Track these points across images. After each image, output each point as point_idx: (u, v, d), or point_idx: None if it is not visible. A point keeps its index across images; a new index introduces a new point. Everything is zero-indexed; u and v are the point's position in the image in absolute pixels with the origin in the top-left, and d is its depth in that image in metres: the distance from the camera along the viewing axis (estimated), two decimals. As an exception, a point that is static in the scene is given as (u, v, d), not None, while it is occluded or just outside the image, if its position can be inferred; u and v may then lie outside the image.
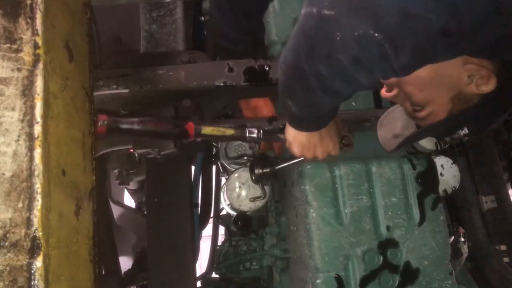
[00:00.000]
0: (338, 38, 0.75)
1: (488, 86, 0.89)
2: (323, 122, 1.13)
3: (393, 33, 0.72)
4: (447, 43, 0.75)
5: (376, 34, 0.72)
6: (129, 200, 2.81)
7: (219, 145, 1.68)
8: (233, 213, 1.69)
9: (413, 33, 0.72)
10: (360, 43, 0.74)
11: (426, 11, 0.70)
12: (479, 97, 0.93)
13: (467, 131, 1.03)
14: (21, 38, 0.81)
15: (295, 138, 1.20)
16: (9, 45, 0.80)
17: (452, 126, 1.04)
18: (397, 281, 1.25)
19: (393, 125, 1.23)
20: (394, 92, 1.03)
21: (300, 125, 1.15)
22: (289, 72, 0.94)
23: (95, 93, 1.16)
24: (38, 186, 0.76)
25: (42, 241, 0.75)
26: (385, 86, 1.04)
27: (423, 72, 0.87)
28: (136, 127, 1.20)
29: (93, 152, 1.04)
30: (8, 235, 0.74)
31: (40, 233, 0.75)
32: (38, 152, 0.77)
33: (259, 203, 1.53)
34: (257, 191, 1.51)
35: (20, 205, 0.75)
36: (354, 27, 0.73)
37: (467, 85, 0.91)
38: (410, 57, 0.77)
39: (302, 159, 1.26)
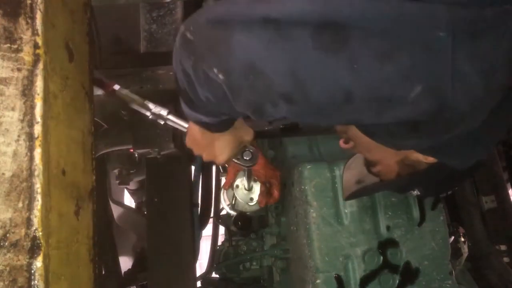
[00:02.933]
0: (191, 61, 0.77)
1: (429, 158, 0.89)
2: (210, 128, 1.01)
3: (234, 80, 0.73)
4: (288, 109, 0.75)
5: (219, 75, 0.73)
6: (129, 200, 2.81)
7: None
8: (233, 213, 1.69)
9: (253, 87, 0.72)
10: (205, 74, 0.75)
11: (273, 72, 0.70)
12: (426, 165, 0.92)
13: (418, 192, 1.06)
14: (21, 38, 0.81)
15: (191, 129, 1.09)
16: (9, 45, 0.80)
17: (403, 187, 1.07)
18: (397, 281, 1.26)
19: (358, 170, 1.22)
20: (351, 144, 1.03)
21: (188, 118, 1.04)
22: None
23: (95, 93, 1.15)
24: (38, 186, 0.76)
25: (42, 241, 0.75)
26: (341, 137, 1.05)
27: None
28: None
29: (93, 152, 1.04)
30: (8, 235, 0.74)
31: (40, 233, 0.75)
32: (38, 152, 0.77)
33: (254, 206, 1.53)
34: (256, 191, 1.51)
35: (20, 205, 0.75)
36: (204, 59, 0.75)
37: (411, 153, 0.91)
38: (246, 107, 0.77)
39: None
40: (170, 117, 1.15)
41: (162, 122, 1.16)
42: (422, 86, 0.68)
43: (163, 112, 1.15)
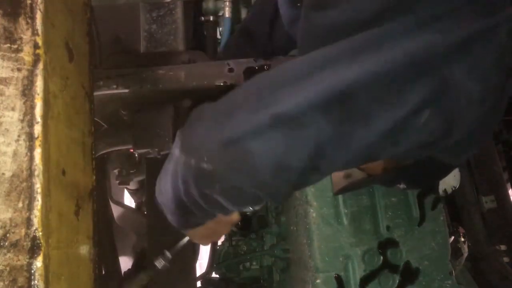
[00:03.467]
0: (217, 188, 0.77)
1: None
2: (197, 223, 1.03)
3: (269, 188, 0.76)
4: (316, 176, 0.81)
5: (253, 190, 0.76)
6: (129, 200, 2.81)
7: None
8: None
9: (287, 180, 0.76)
10: (237, 193, 0.78)
11: (300, 160, 0.73)
12: (412, 160, 0.95)
13: (404, 186, 1.09)
14: (21, 38, 0.81)
15: (194, 236, 1.14)
16: (9, 45, 0.80)
17: (390, 181, 1.09)
18: (397, 281, 1.25)
19: None
20: None
21: (186, 228, 1.06)
22: (172, 202, 0.90)
23: (95, 93, 1.16)
24: (38, 186, 0.76)
25: (42, 241, 0.75)
26: None
27: None
28: None
29: (93, 152, 1.04)
30: (8, 235, 0.74)
31: (40, 233, 0.75)
32: (38, 152, 0.77)
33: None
34: None
35: (20, 205, 0.75)
36: (233, 181, 0.76)
37: None
38: (283, 198, 0.82)
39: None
40: (173, 252, 1.30)
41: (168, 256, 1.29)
42: (430, 110, 0.71)
43: (167, 254, 1.30)
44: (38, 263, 0.74)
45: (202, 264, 1.95)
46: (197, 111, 0.84)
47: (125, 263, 2.23)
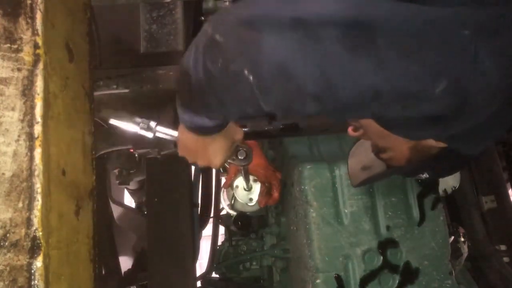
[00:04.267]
0: (219, 63, 0.77)
1: (441, 143, 0.91)
2: (207, 131, 1.00)
3: (264, 82, 0.74)
4: (316, 107, 0.77)
5: (250, 77, 0.74)
6: (129, 200, 2.81)
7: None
8: (233, 213, 1.69)
9: (284, 88, 0.74)
10: (234, 75, 0.76)
11: (303, 73, 0.71)
12: (438, 149, 0.95)
13: (427, 175, 1.08)
14: (21, 38, 0.81)
15: (181, 137, 1.08)
16: (9, 45, 0.80)
17: (414, 171, 1.08)
18: (397, 281, 1.26)
19: (363, 156, 1.23)
20: (360, 132, 1.04)
21: (184, 124, 1.02)
22: (182, 72, 0.88)
23: (95, 93, 1.16)
24: (38, 186, 0.76)
25: (42, 241, 0.75)
26: (350, 125, 1.06)
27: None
28: None
29: (93, 152, 1.04)
30: (8, 235, 0.74)
31: (40, 233, 0.75)
32: (38, 152, 0.77)
33: (254, 206, 1.53)
34: (255, 193, 1.51)
35: (20, 205, 0.75)
36: (235, 60, 0.75)
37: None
38: (275, 107, 0.79)
39: None
40: (159, 128, 1.14)
41: (151, 135, 1.14)
42: (447, 82, 0.71)
43: (152, 123, 1.14)
44: (38, 263, 0.74)
45: (202, 264, 1.95)
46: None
47: (125, 263, 2.23)
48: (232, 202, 1.57)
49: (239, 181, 1.53)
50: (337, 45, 0.69)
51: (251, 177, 1.48)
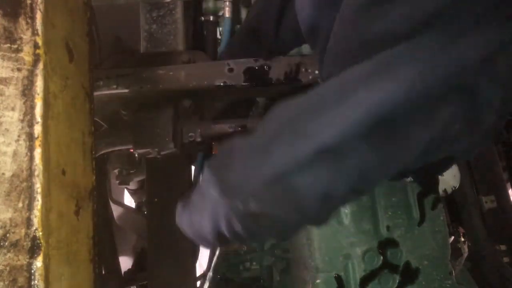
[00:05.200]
0: (267, 224, 0.76)
1: None
2: None
3: (313, 217, 0.76)
4: (358, 195, 0.78)
5: (303, 221, 0.76)
6: (129, 200, 2.81)
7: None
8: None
9: (332, 208, 0.77)
10: (289, 229, 0.78)
11: (344, 191, 0.72)
12: None
13: (411, 179, 1.13)
14: (21, 38, 0.81)
15: None
16: (9, 45, 0.80)
17: (398, 175, 1.08)
18: (397, 281, 1.26)
19: None
20: None
21: None
22: (208, 235, 0.85)
23: (95, 93, 1.16)
24: (38, 186, 0.76)
25: (42, 241, 0.75)
26: None
27: None
28: None
29: (93, 152, 1.04)
30: (8, 235, 0.74)
31: (40, 233, 0.75)
32: (38, 152, 0.77)
33: None
34: None
35: (20, 205, 0.75)
36: (279, 216, 0.74)
37: None
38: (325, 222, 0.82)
39: None
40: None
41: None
42: (459, 123, 0.71)
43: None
44: (38, 263, 0.74)
45: (202, 264, 1.95)
46: (227, 146, 0.80)
47: (125, 263, 2.23)
48: None
49: None
50: (365, 152, 0.68)
51: None
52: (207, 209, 0.80)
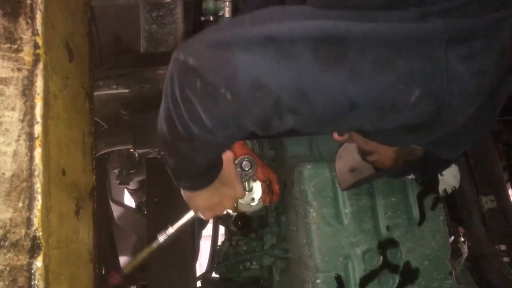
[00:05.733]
0: (197, 85, 0.77)
1: None
2: (209, 178, 1.05)
3: (241, 98, 0.75)
4: (294, 121, 0.79)
5: (227, 94, 0.75)
6: (129, 200, 2.81)
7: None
8: (232, 213, 1.68)
9: (260, 103, 0.75)
10: (214, 94, 0.76)
11: (278, 88, 0.73)
12: (422, 150, 0.97)
13: (413, 176, 1.13)
14: (21, 38, 0.81)
15: (191, 201, 1.14)
16: (9, 45, 0.80)
17: (401, 173, 1.12)
18: (397, 281, 1.25)
19: (350, 159, 1.24)
20: (346, 136, 1.07)
21: (184, 184, 1.07)
22: (164, 118, 0.89)
23: (95, 93, 1.16)
24: (38, 186, 0.76)
25: (42, 241, 0.75)
26: None
27: None
28: None
29: (93, 152, 1.04)
30: (8, 235, 0.74)
31: (40, 233, 0.75)
32: (38, 152, 0.77)
33: (257, 205, 1.53)
34: (257, 191, 1.51)
35: (20, 205, 0.75)
36: (211, 79, 0.75)
37: None
38: (253, 123, 0.80)
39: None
40: (176, 226, 1.27)
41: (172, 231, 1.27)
42: (421, 90, 0.73)
43: (170, 229, 1.28)
44: (38, 263, 0.74)
45: (202, 264, 1.95)
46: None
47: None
48: (235, 205, 1.57)
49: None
50: (309, 59, 0.72)
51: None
52: (167, 76, 0.83)
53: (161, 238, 1.28)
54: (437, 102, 0.74)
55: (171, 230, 1.27)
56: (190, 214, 1.24)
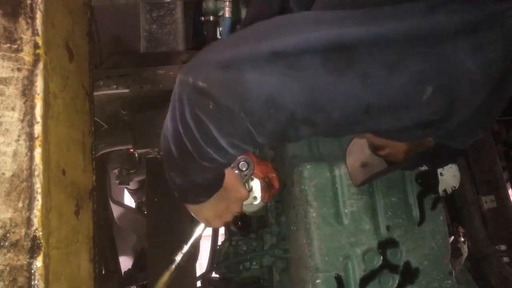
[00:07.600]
0: (210, 106, 0.76)
1: None
2: (213, 188, 1.05)
3: (256, 117, 0.75)
4: (310, 130, 0.79)
5: (241, 114, 0.75)
6: (129, 200, 2.81)
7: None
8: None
9: (275, 119, 0.75)
10: (228, 114, 0.76)
11: (292, 102, 0.73)
12: (434, 141, 0.97)
13: (426, 167, 1.14)
14: (21, 38, 0.81)
15: (199, 214, 1.15)
16: (9, 45, 0.80)
17: (413, 165, 1.12)
18: (397, 281, 1.25)
19: (361, 153, 1.23)
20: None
21: (192, 199, 1.08)
22: (172, 140, 0.88)
23: (95, 93, 1.16)
24: (38, 186, 0.76)
25: (42, 241, 0.75)
26: None
27: None
28: None
29: (93, 152, 1.04)
30: (8, 235, 0.74)
31: (40, 233, 0.75)
32: (38, 152, 0.77)
33: (259, 203, 1.53)
34: (257, 191, 1.51)
35: (20, 205, 0.75)
36: (224, 101, 0.75)
37: None
38: (270, 138, 0.80)
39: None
40: (190, 243, 1.26)
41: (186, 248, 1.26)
42: (433, 87, 0.73)
43: (185, 247, 1.26)
44: (38, 263, 0.74)
45: (202, 264, 1.95)
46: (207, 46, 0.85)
47: (125, 263, 2.23)
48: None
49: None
50: (320, 69, 0.71)
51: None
52: (174, 100, 0.82)
53: (178, 257, 1.27)
54: (449, 97, 0.75)
55: (186, 248, 1.27)
56: (201, 228, 1.24)
